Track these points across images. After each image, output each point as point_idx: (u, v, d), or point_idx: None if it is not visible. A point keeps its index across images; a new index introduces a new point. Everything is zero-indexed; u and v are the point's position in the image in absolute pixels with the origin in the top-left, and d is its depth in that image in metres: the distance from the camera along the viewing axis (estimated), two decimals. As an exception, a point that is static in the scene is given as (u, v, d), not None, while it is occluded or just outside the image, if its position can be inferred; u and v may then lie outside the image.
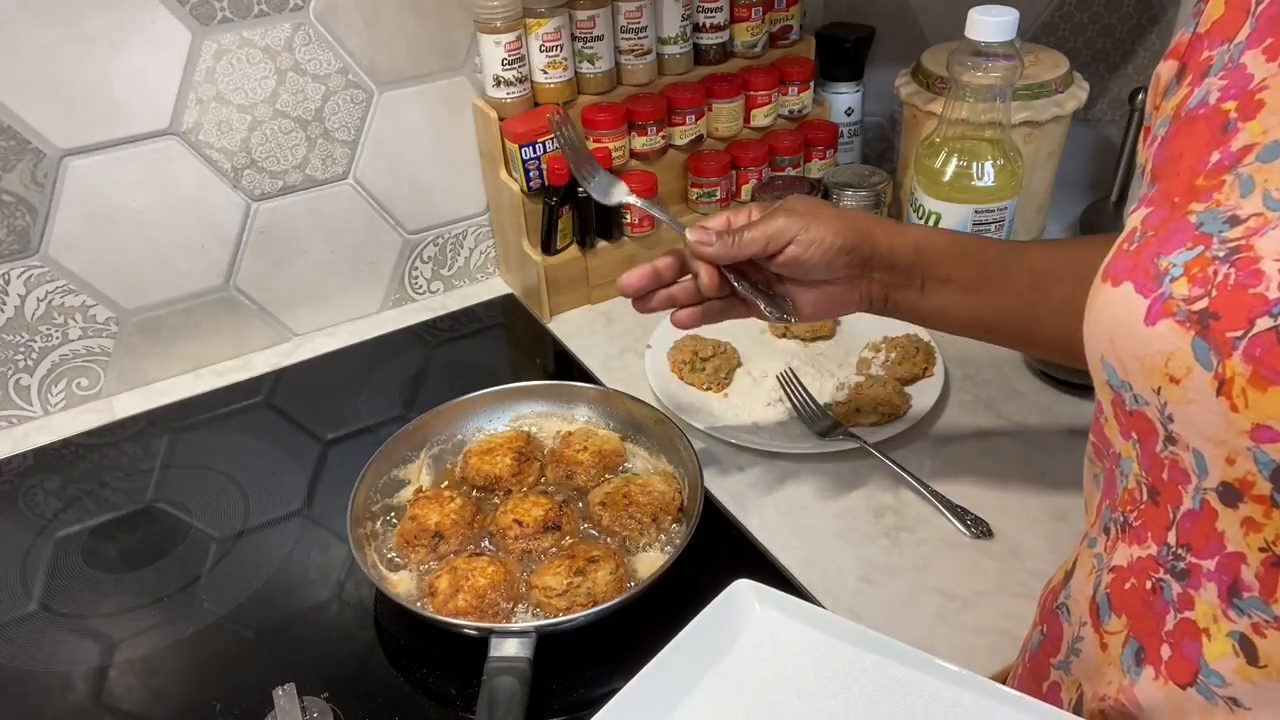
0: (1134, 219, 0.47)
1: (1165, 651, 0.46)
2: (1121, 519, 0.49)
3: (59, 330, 0.98)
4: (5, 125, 0.87)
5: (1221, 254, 0.40)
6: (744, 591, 0.58)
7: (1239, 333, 0.38)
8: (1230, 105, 0.44)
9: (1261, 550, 0.40)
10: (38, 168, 0.90)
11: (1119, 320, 0.44)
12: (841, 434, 0.90)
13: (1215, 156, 0.43)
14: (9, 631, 0.78)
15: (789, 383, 0.96)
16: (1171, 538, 0.45)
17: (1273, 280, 0.38)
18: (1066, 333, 0.62)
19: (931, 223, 0.99)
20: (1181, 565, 0.44)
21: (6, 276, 0.93)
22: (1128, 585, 0.48)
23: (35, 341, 0.97)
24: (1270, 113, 0.42)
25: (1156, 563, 0.46)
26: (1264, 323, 0.38)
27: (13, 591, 0.81)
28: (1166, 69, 0.51)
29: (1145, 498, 0.46)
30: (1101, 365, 0.46)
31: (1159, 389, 0.42)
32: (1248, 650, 0.42)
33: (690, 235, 0.70)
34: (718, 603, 0.58)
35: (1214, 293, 0.39)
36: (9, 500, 0.91)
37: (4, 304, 0.94)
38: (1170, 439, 0.43)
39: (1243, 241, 0.40)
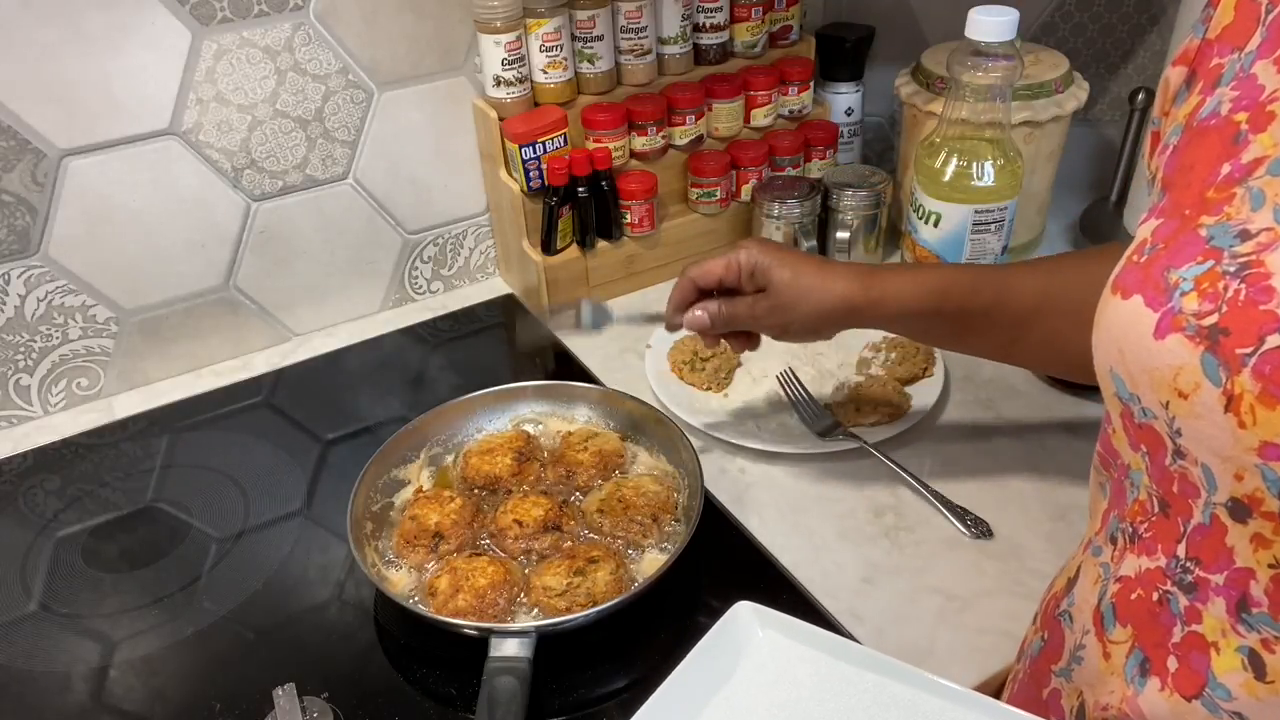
0: (1144, 230, 0.46)
1: (1172, 663, 0.45)
2: (1130, 529, 0.49)
3: (59, 330, 0.98)
4: (5, 125, 0.87)
5: (1232, 269, 0.40)
6: (744, 614, 0.58)
7: (1249, 349, 0.38)
8: (1241, 117, 0.43)
9: (1271, 566, 0.40)
10: (38, 168, 0.90)
11: (1128, 333, 0.43)
12: (841, 434, 0.90)
13: (1226, 169, 0.43)
14: (9, 631, 0.78)
15: (789, 383, 0.96)
16: (1181, 551, 0.45)
17: None
18: (1041, 361, 0.71)
19: (931, 223, 0.99)
20: (1189, 578, 0.44)
21: (6, 276, 0.93)
22: (1134, 596, 0.48)
23: (35, 341, 0.97)
24: None
25: (1164, 575, 0.46)
26: (1274, 340, 0.37)
27: (13, 591, 0.81)
28: (1175, 74, 0.50)
29: (1156, 510, 0.46)
30: (1110, 377, 0.46)
31: (1167, 403, 0.41)
32: (1256, 665, 0.42)
33: (687, 321, 0.78)
34: (718, 628, 0.57)
35: (1224, 308, 0.39)
36: (9, 500, 0.91)
37: (4, 304, 0.94)
38: (1179, 453, 0.43)
39: (1253, 257, 0.39)
